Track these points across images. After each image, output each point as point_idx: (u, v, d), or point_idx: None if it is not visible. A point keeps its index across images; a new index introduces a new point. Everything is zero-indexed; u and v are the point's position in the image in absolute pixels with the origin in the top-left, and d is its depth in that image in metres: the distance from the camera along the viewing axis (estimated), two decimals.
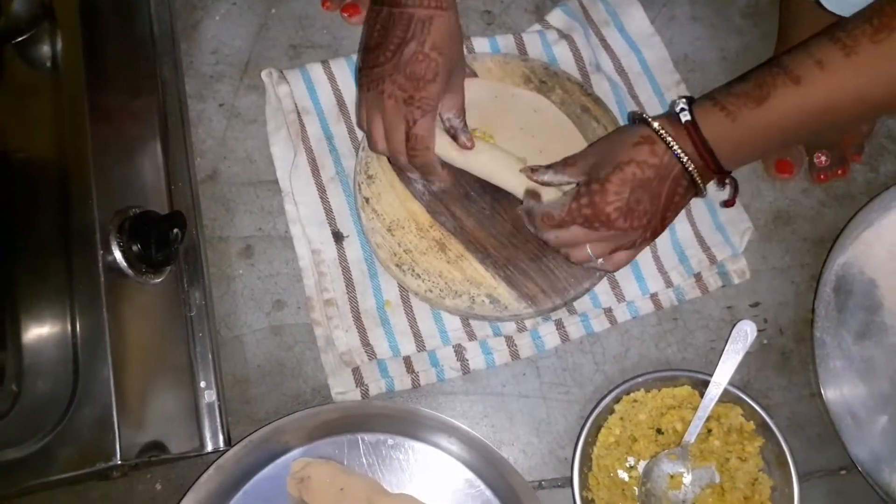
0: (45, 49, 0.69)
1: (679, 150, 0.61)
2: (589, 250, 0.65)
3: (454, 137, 0.70)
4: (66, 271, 0.62)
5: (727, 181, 0.65)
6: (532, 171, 0.69)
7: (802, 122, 0.58)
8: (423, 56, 0.63)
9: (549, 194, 0.69)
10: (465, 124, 0.70)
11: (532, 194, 0.69)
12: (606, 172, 0.62)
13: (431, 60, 0.64)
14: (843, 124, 0.60)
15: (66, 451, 0.58)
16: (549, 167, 0.68)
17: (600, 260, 0.66)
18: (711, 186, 0.65)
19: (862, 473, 0.72)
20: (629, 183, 0.61)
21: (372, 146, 0.70)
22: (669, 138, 0.61)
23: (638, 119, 0.64)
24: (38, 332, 0.62)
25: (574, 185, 0.67)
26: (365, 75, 0.66)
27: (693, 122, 0.60)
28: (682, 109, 0.61)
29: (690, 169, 0.61)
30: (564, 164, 0.67)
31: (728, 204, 0.70)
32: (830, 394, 0.74)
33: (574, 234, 0.65)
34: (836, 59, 0.55)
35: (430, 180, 0.74)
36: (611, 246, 0.65)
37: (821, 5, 0.66)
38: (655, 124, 0.62)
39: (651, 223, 0.63)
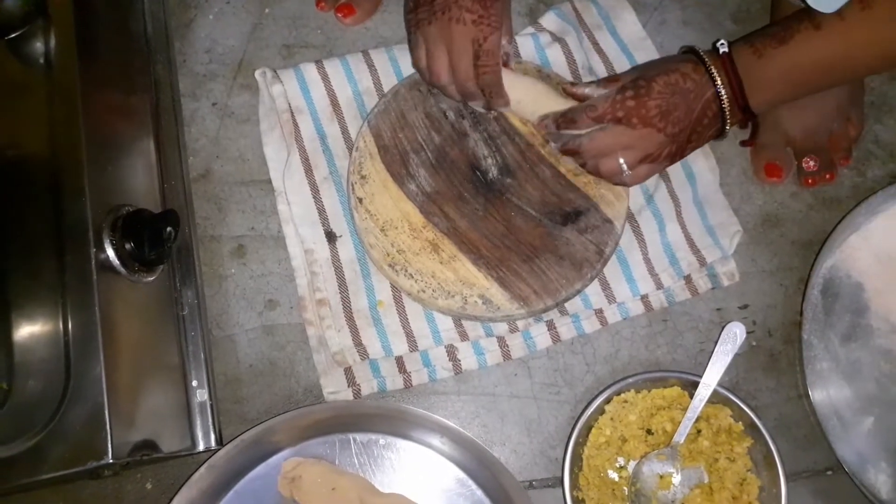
0: (39, 46, 0.68)
1: (715, 74, 0.67)
2: (621, 159, 0.69)
3: (505, 63, 0.72)
4: (59, 269, 0.62)
5: (749, 123, 0.73)
6: (572, 84, 0.74)
7: (820, 65, 0.65)
8: None
9: None
10: (516, 49, 0.74)
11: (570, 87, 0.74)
12: (653, 74, 0.68)
13: None
14: (856, 76, 0.69)
15: (58, 449, 0.58)
16: (590, 82, 0.73)
17: (626, 171, 0.70)
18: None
19: (848, 474, 0.73)
20: (672, 86, 0.67)
21: (434, 79, 0.71)
22: (709, 62, 0.67)
23: (685, 50, 0.71)
24: (30, 329, 0.62)
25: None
26: (425, 10, 0.68)
27: (728, 55, 0.67)
28: (722, 43, 0.68)
29: (721, 94, 0.67)
30: (607, 79, 0.72)
31: (747, 143, 0.79)
32: (817, 395, 0.75)
33: (610, 138, 0.69)
34: (853, 11, 0.61)
35: (493, 104, 0.74)
36: (640, 154, 0.69)
37: (807, 6, 0.67)
38: (700, 52, 0.68)
39: (679, 136, 0.68)
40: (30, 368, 0.61)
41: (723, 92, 0.67)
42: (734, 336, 0.73)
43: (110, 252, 0.64)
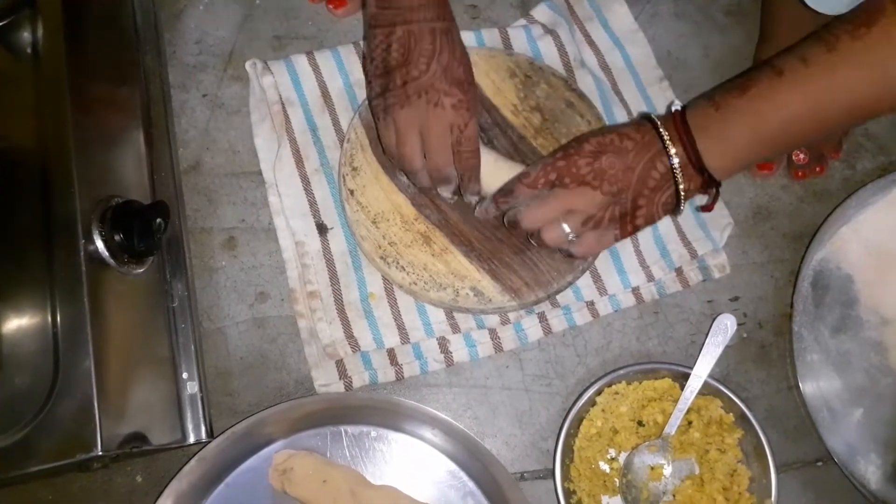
0: (26, 36, 0.68)
1: (663, 131, 0.62)
2: (563, 225, 0.65)
3: None
4: (47, 261, 0.61)
5: (710, 189, 0.65)
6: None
7: (785, 115, 0.59)
8: (458, 62, 0.65)
9: None
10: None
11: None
12: (588, 136, 0.65)
13: (466, 65, 0.66)
14: (825, 129, 0.61)
15: (47, 442, 0.58)
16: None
17: (571, 235, 0.65)
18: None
19: (838, 465, 0.73)
20: (606, 145, 0.63)
21: (407, 165, 0.68)
22: (658, 122, 0.62)
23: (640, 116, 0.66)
24: (18, 321, 0.61)
25: None
26: (396, 94, 0.65)
27: (680, 112, 0.62)
28: (674, 102, 0.63)
29: (670, 152, 0.61)
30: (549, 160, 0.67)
31: (706, 209, 0.69)
32: (807, 386, 0.75)
33: (547, 203, 0.65)
34: (818, 55, 0.56)
35: (468, 189, 0.71)
36: (581, 217, 0.64)
37: (803, 2, 0.67)
38: (648, 113, 0.64)
39: (621, 196, 0.63)
40: (18, 361, 0.61)
41: (672, 150, 0.61)
42: (725, 328, 0.73)
43: (99, 243, 0.63)
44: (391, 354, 0.75)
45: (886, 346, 0.76)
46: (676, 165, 0.61)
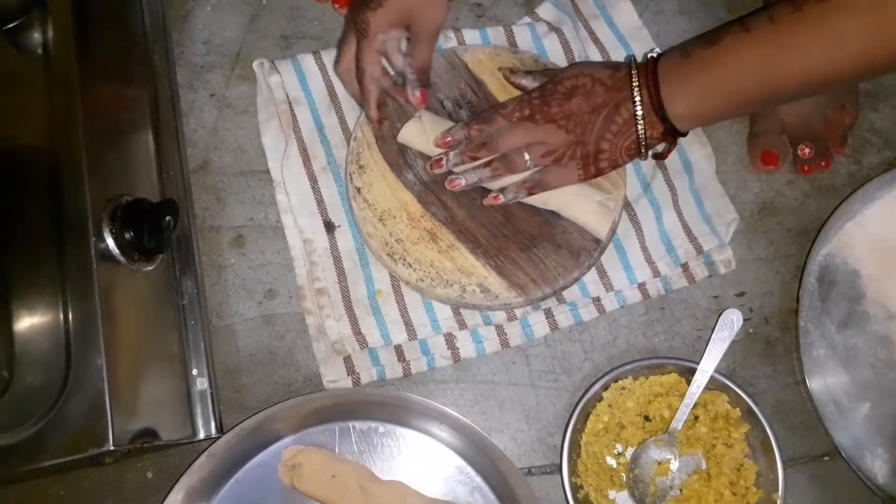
0: (37, 36, 0.69)
1: (634, 76, 0.65)
2: (525, 154, 0.69)
3: (403, 86, 0.74)
4: (59, 258, 0.62)
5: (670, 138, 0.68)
6: (511, 72, 0.75)
7: (748, 72, 0.61)
8: None
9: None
10: (419, 82, 0.73)
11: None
12: (565, 74, 0.69)
13: None
14: (785, 91, 0.63)
15: (59, 437, 0.59)
16: (528, 72, 0.74)
17: (530, 163, 0.69)
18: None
19: (845, 459, 0.73)
20: (578, 88, 0.67)
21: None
22: (632, 66, 0.66)
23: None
24: (31, 318, 0.62)
25: None
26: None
27: (654, 59, 0.66)
28: (653, 49, 0.68)
29: (636, 97, 0.65)
30: (543, 72, 0.74)
31: (660, 156, 0.73)
32: (814, 381, 0.75)
33: (516, 134, 0.69)
34: (784, 14, 0.59)
35: (367, 115, 0.76)
36: (544, 149, 0.68)
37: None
38: (633, 58, 0.67)
39: (585, 137, 0.67)
40: (31, 357, 0.61)
41: (636, 97, 0.65)
42: (731, 323, 0.73)
43: (110, 241, 0.64)
44: (398, 351, 0.76)
45: (893, 340, 0.76)
46: (639, 112, 0.65)
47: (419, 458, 0.73)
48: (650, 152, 0.70)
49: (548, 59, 0.81)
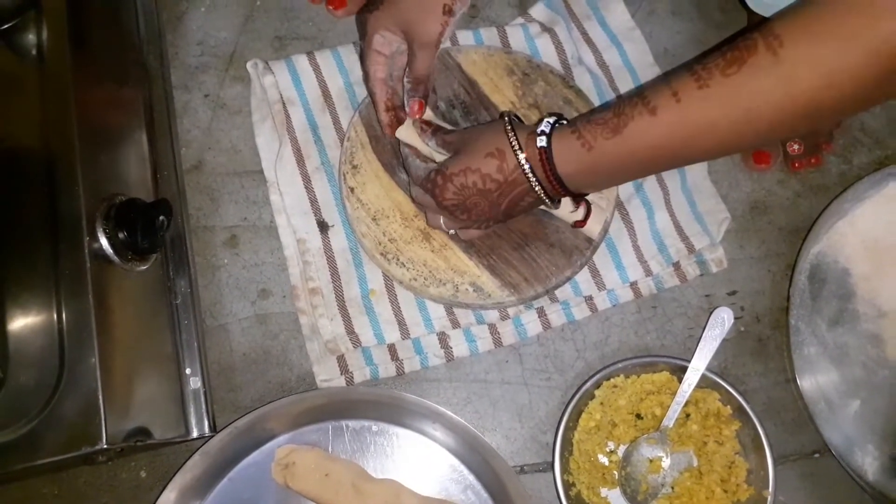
0: (31, 38, 0.69)
1: (529, 173, 0.62)
2: (440, 219, 0.70)
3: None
4: (52, 258, 0.62)
5: (580, 202, 0.69)
6: (425, 124, 0.72)
7: (657, 152, 0.58)
8: None
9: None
10: (415, 92, 0.73)
11: (412, 148, 0.73)
12: (453, 169, 0.65)
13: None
14: (692, 160, 0.61)
15: (52, 435, 0.59)
16: (434, 129, 0.72)
17: (452, 232, 0.73)
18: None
19: (835, 456, 0.74)
20: (468, 189, 0.65)
21: None
22: (522, 158, 0.62)
23: (505, 116, 0.65)
24: (24, 317, 0.62)
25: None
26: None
27: (546, 149, 0.61)
28: (542, 133, 0.61)
29: (537, 189, 0.63)
30: (444, 134, 0.71)
31: (578, 225, 0.72)
32: (805, 379, 0.75)
33: (426, 200, 0.69)
34: (690, 91, 0.54)
35: (377, 119, 0.76)
36: (456, 224, 0.70)
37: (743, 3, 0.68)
38: (513, 139, 0.62)
39: (493, 218, 0.68)
40: (24, 356, 0.61)
41: (538, 189, 0.63)
42: (722, 321, 0.74)
43: (103, 241, 0.64)
44: (392, 350, 0.76)
45: (883, 338, 0.77)
46: (544, 196, 0.64)
47: (412, 456, 0.73)
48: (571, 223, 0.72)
49: (541, 60, 0.82)
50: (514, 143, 0.62)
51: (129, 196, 0.69)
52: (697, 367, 0.72)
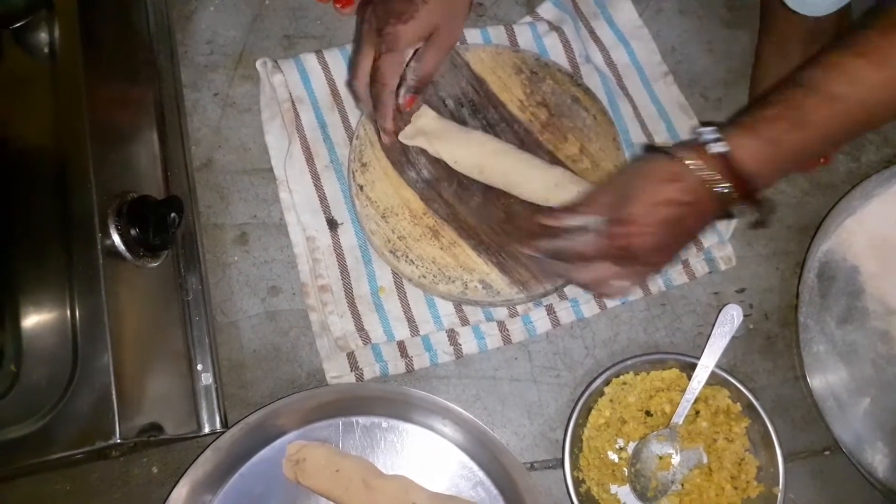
0: (43, 36, 0.69)
1: (720, 186, 0.59)
2: (614, 285, 0.66)
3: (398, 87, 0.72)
4: (65, 255, 0.63)
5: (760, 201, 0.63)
6: (550, 218, 0.67)
7: (844, 131, 0.60)
8: None
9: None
10: (415, 89, 0.72)
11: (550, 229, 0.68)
12: (639, 211, 0.61)
13: (414, 4, 0.66)
14: (883, 123, 0.61)
15: (66, 430, 0.59)
16: (567, 211, 0.67)
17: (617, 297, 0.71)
18: None
19: (845, 454, 0.74)
20: (665, 225, 0.61)
21: (350, 73, 0.72)
22: (705, 171, 0.59)
23: (653, 149, 0.65)
24: (38, 313, 0.62)
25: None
26: (360, 6, 0.69)
27: (727, 153, 0.59)
28: (717, 140, 0.59)
29: (730, 193, 0.59)
30: (586, 204, 0.66)
31: (760, 226, 0.71)
32: (814, 377, 0.75)
33: (601, 271, 0.65)
34: (860, 67, 0.56)
35: (381, 127, 0.75)
36: (638, 278, 0.66)
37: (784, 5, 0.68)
38: (688, 161, 0.60)
39: (680, 252, 0.66)
40: (38, 352, 0.62)
41: (731, 192, 0.60)
42: (731, 318, 0.74)
43: (116, 238, 0.65)
44: (401, 347, 0.76)
45: (893, 335, 0.77)
46: (734, 204, 0.61)
47: (422, 453, 0.73)
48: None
49: (549, 58, 0.82)
50: (693, 164, 0.59)
51: (141, 193, 0.69)
52: (707, 364, 0.72)
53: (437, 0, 0.67)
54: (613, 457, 0.74)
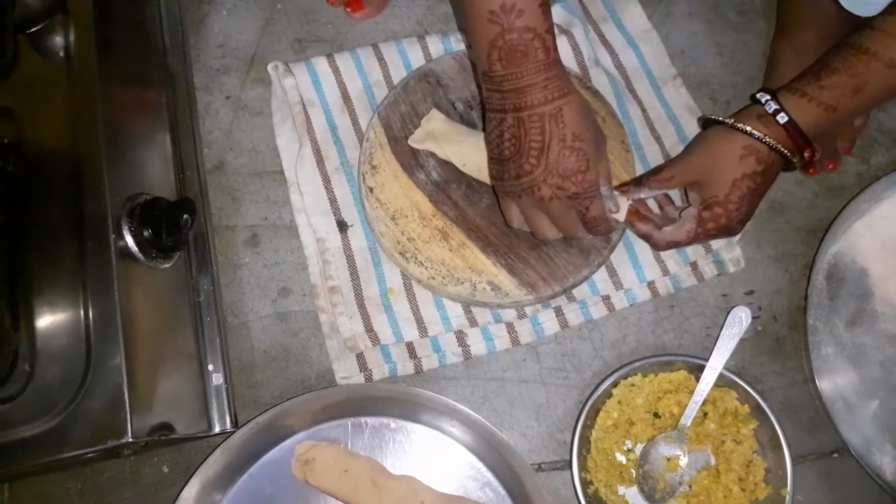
0: (59, 40, 0.70)
1: (787, 153, 0.66)
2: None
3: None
4: (79, 256, 0.63)
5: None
6: (624, 189, 0.72)
7: (892, 96, 0.64)
8: (569, 150, 0.62)
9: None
10: (612, 191, 0.71)
11: (635, 216, 0.73)
12: (724, 193, 0.67)
13: (577, 151, 0.63)
14: None
15: (79, 429, 0.60)
16: (641, 183, 0.72)
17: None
18: None
19: (853, 456, 0.74)
20: (747, 196, 0.68)
21: (540, 237, 0.70)
22: (773, 142, 0.65)
23: (712, 122, 0.68)
24: (51, 314, 0.63)
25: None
26: (511, 186, 0.65)
27: (793, 122, 0.65)
28: (777, 111, 0.65)
29: (793, 158, 0.66)
30: (660, 179, 0.71)
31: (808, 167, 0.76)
32: (823, 379, 0.75)
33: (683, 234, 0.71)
34: None
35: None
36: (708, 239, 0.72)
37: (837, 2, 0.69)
38: (756, 132, 0.65)
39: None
40: (51, 351, 0.62)
41: (796, 160, 0.67)
42: (740, 320, 0.74)
43: (129, 239, 0.65)
44: (410, 348, 0.77)
45: None
46: (797, 163, 0.68)
47: (430, 453, 0.74)
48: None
49: None
50: (758, 134, 0.65)
51: (154, 195, 0.70)
52: (715, 366, 0.72)
53: (581, 127, 0.63)
54: (621, 458, 0.74)
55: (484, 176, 0.76)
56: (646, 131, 0.83)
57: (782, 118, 0.65)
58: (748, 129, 0.66)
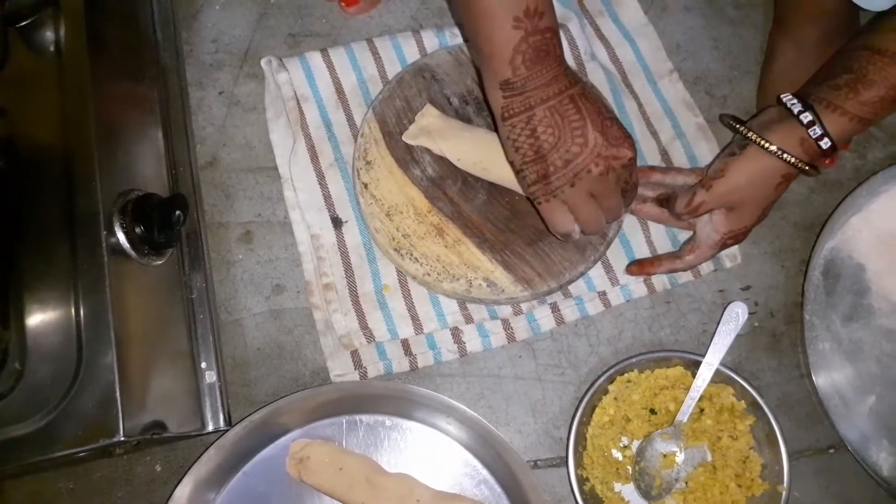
0: (49, 34, 0.70)
1: (818, 171, 0.67)
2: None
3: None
4: (70, 252, 0.63)
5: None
6: (663, 200, 0.76)
7: None
8: (609, 120, 0.63)
9: None
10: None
11: (652, 266, 0.77)
12: (754, 219, 0.71)
13: (615, 119, 0.64)
14: None
15: (70, 428, 0.59)
16: (680, 200, 0.73)
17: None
18: None
19: (850, 452, 0.73)
20: (769, 208, 0.71)
21: (594, 230, 0.68)
22: (813, 171, 0.66)
23: (749, 139, 0.67)
24: (42, 312, 0.63)
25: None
26: (559, 179, 0.63)
27: (835, 146, 0.65)
28: (821, 136, 0.64)
29: (810, 171, 0.67)
30: (693, 208, 0.72)
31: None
32: (819, 375, 0.75)
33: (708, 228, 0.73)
34: None
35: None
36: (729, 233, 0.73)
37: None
38: (801, 163, 0.66)
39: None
40: (42, 350, 0.62)
41: (808, 169, 0.67)
42: (736, 315, 0.74)
43: (121, 235, 0.65)
44: (405, 345, 0.76)
45: None
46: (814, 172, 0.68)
47: (426, 451, 0.73)
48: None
49: None
50: (802, 164, 0.66)
51: (146, 191, 0.70)
52: (711, 361, 0.72)
53: (601, 101, 0.68)
54: (617, 455, 0.74)
55: (479, 171, 0.75)
56: (642, 126, 0.82)
57: (825, 143, 0.64)
58: (793, 160, 0.65)
